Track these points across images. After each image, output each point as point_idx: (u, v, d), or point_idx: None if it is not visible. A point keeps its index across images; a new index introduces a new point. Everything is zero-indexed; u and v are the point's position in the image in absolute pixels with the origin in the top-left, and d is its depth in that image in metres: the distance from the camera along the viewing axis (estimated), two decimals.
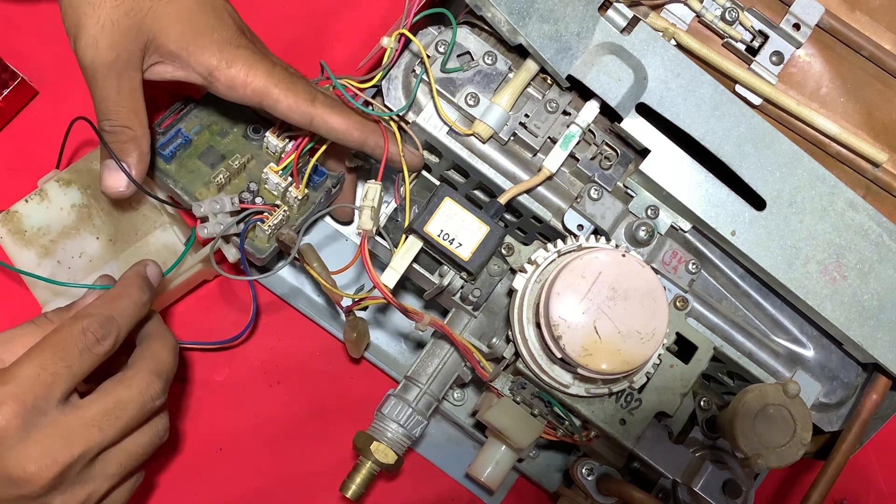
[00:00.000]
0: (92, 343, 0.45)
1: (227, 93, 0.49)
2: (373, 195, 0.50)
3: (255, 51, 0.49)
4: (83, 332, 0.45)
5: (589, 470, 0.56)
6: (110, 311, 0.46)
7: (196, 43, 0.47)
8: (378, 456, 0.51)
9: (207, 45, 0.47)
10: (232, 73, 0.48)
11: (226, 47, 0.48)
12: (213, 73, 0.48)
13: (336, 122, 0.50)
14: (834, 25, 0.55)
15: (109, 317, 0.46)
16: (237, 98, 0.49)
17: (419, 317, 0.49)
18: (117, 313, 0.46)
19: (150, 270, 0.51)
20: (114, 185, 0.50)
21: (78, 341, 0.44)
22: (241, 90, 0.48)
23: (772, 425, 0.48)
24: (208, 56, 0.48)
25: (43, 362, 0.43)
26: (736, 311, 0.55)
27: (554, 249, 0.49)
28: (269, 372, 0.65)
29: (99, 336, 0.45)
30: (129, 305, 0.48)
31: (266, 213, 0.54)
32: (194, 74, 0.48)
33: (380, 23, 0.69)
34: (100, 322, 0.45)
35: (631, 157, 0.53)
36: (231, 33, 0.48)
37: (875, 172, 0.56)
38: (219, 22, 0.48)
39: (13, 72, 0.62)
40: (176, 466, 0.63)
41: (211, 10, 0.48)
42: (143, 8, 0.46)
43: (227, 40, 0.48)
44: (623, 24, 0.52)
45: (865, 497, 0.72)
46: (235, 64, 0.48)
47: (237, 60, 0.48)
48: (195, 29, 0.47)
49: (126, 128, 0.48)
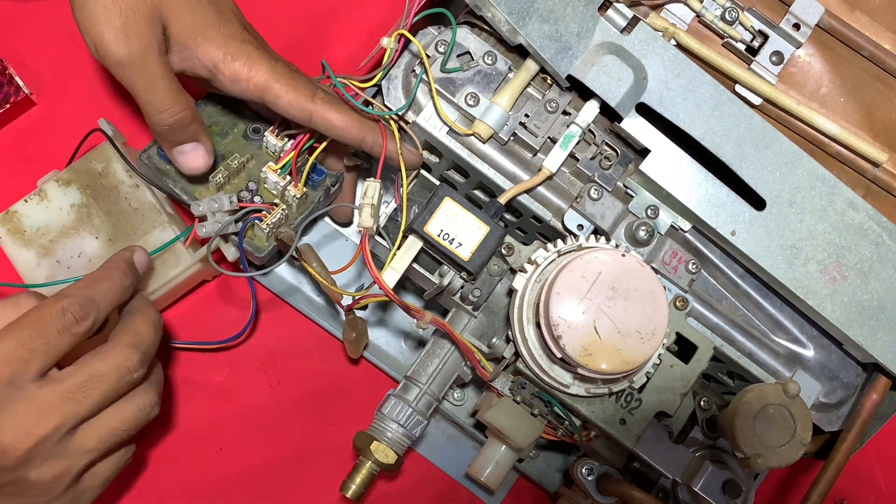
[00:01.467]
0: (70, 323, 0.45)
1: (231, 87, 0.49)
2: (372, 193, 0.50)
3: (258, 46, 0.50)
4: (62, 312, 0.45)
5: (589, 470, 0.56)
6: (90, 293, 0.47)
7: (203, 34, 0.47)
8: (378, 456, 0.51)
9: (214, 38, 0.48)
10: (236, 67, 0.48)
11: (230, 41, 0.48)
12: (217, 65, 0.48)
13: (335, 118, 0.50)
14: (834, 25, 0.55)
15: (89, 298, 0.47)
16: (239, 92, 0.49)
17: (420, 315, 0.49)
18: (98, 295, 0.47)
19: (137, 257, 0.52)
20: (198, 165, 0.51)
21: (57, 320, 0.45)
22: (244, 84, 0.49)
23: (772, 425, 0.48)
24: (214, 48, 0.48)
25: (21, 338, 0.44)
26: (736, 311, 0.55)
27: (554, 249, 0.49)
28: (269, 372, 0.65)
29: (78, 316, 0.46)
30: (111, 288, 0.48)
31: (265, 211, 0.54)
32: (199, 66, 0.48)
33: (380, 23, 0.69)
34: (79, 303, 0.46)
35: (631, 156, 0.53)
36: (235, 28, 0.49)
37: (875, 172, 0.56)
38: (223, 17, 0.49)
39: (10, 75, 0.62)
40: (176, 466, 0.63)
41: (217, 6, 0.48)
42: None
43: (232, 34, 0.48)
44: (623, 24, 0.52)
45: (865, 497, 0.72)
46: (239, 58, 0.48)
47: (241, 55, 0.48)
48: (203, 20, 0.47)
49: (185, 111, 0.48)
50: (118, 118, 0.64)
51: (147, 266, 0.52)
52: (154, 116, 0.48)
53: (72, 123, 0.63)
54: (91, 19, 0.45)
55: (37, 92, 0.64)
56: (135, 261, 0.51)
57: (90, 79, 0.65)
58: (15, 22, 0.65)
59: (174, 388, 0.64)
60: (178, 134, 0.49)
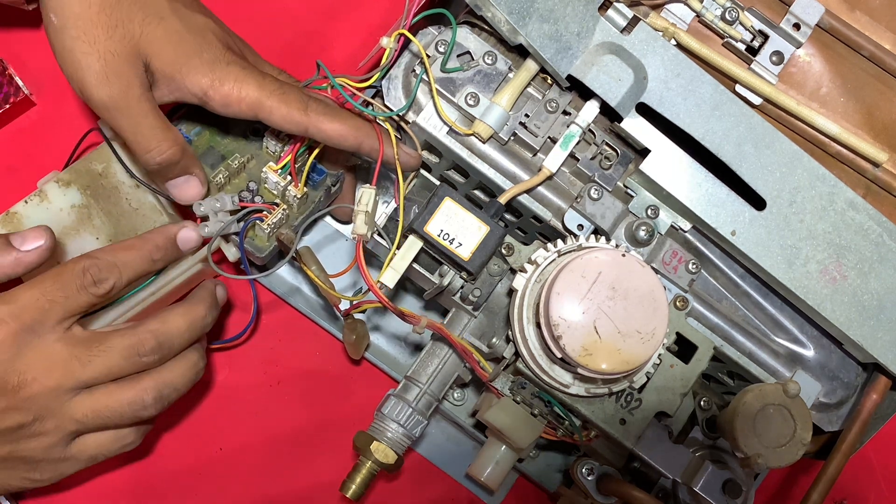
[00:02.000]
0: (89, 283, 0.47)
1: (224, 110, 0.49)
2: (367, 200, 0.50)
3: (245, 65, 0.50)
4: (83, 271, 0.47)
5: (589, 470, 0.56)
6: (114, 259, 0.48)
7: (187, 64, 0.48)
8: (378, 456, 0.51)
9: (198, 66, 0.48)
10: (225, 91, 0.48)
11: (216, 66, 0.48)
12: (206, 92, 0.48)
13: (330, 128, 0.50)
14: (834, 25, 0.55)
15: (112, 263, 0.48)
16: (233, 114, 0.50)
17: (416, 320, 0.49)
18: (121, 262, 0.49)
19: (183, 234, 0.52)
20: (191, 195, 0.52)
21: (77, 278, 0.47)
22: (237, 106, 0.49)
23: (772, 425, 0.48)
24: (200, 76, 0.48)
25: (43, 289, 0.46)
26: (736, 310, 0.55)
27: (554, 249, 0.49)
28: (269, 372, 0.65)
29: (96, 278, 0.47)
30: (137, 257, 0.49)
31: (266, 211, 0.54)
32: (189, 95, 0.49)
33: (380, 23, 0.69)
34: (100, 266, 0.47)
35: (631, 156, 0.53)
36: (218, 51, 0.49)
37: (875, 172, 0.56)
38: (205, 41, 0.49)
39: (10, 76, 0.62)
40: (176, 466, 0.63)
41: (197, 31, 0.49)
42: (134, 34, 0.46)
43: (216, 59, 0.49)
44: (623, 24, 0.52)
45: (865, 497, 0.72)
46: (227, 81, 0.48)
47: (228, 77, 0.48)
48: (186, 50, 0.48)
49: (173, 149, 0.49)
50: None
51: (194, 244, 0.53)
52: (142, 156, 0.49)
53: (72, 124, 0.63)
54: (72, 66, 0.46)
55: (37, 92, 0.64)
56: (179, 237, 0.52)
57: None
58: (15, 23, 0.65)
59: None
60: (169, 170, 0.51)
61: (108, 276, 0.48)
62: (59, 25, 0.45)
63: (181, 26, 0.48)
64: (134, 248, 0.50)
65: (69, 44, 0.45)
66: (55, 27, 0.46)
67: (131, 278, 0.49)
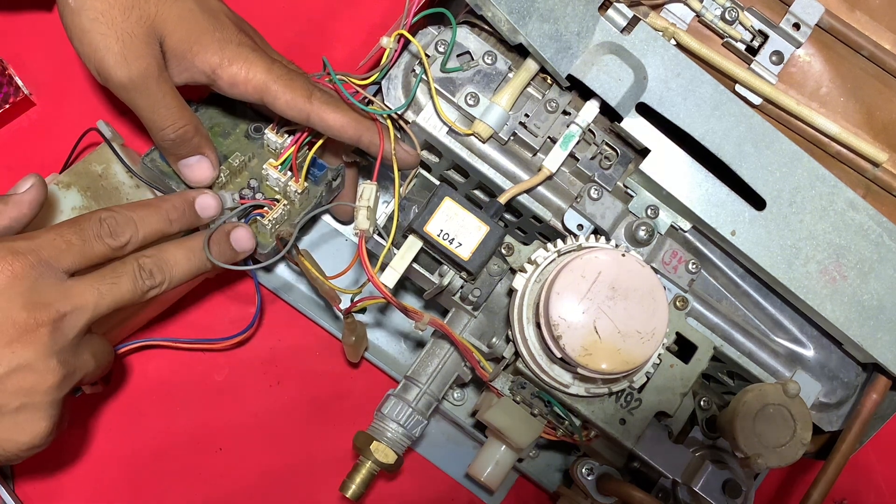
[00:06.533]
0: (105, 233, 0.47)
1: (230, 90, 0.50)
2: (368, 195, 0.51)
3: (255, 48, 0.50)
4: (101, 221, 0.47)
5: (589, 470, 0.56)
6: (132, 214, 0.49)
7: (199, 42, 0.48)
8: (378, 456, 0.51)
9: (209, 44, 0.49)
10: (233, 71, 0.49)
11: (226, 45, 0.49)
12: (215, 70, 0.49)
13: (332, 118, 0.51)
14: (834, 25, 0.55)
15: (129, 217, 0.48)
16: (239, 95, 0.50)
17: (419, 316, 0.49)
18: (138, 217, 0.49)
19: (201, 200, 0.52)
20: (203, 177, 0.53)
21: (94, 226, 0.47)
22: (243, 87, 0.50)
23: (772, 425, 0.48)
24: (210, 54, 0.49)
25: (61, 232, 0.46)
26: (736, 310, 0.55)
27: (554, 249, 0.49)
28: (268, 372, 0.65)
29: (112, 230, 0.47)
30: (154, 215, 0.50)
31: (267, 207, 0.54)
32: (198, 73, 0.49)
33: (380, 23, 0.69)
34: (117, 218, 0.48)
35: (631, 156, 0.53)
36: (230, 32, 0.50)
37: (875, 172, 0.56)
38: (218, 22, 0.49)
39: (10, 76, 0.62)
40: (176, 466, 0.63)
41: (210, 12, 0.49)
42: (150, 14, 0.47)
43: (227, 39, 0.49)
44: (623, 24, 0.52)
45: (865, 497, 0.72)
46: (236, 61, 0.49)
47: (238, 58, 0.49)
48: (198, 29, 0.48)
49: (187, 126, 0.50)
50: (118, 119, 0.64)
51: (215, 211, 0.53)
52: (157, 133, 0.50)
53: (71, 124, 0.63)
54: (90, 47, 0.46)
55: (36, 92, 0.64)
56: (197, 204, 0.52)
57: (90, 80, 0.65)
58: (15, 23, 0.65)
59: (174, 387, 0.64)
60: (182, 148, 0.51)
61: (124, 229, 0.48)
62: (76, 7, 0.46)
63: (195, 6, 0.48)
64: (152, 205, 0.50)
65: (87, 25, 0.46)
66: (71, 9, 0.46)
67: (147, 235, 0.49)
